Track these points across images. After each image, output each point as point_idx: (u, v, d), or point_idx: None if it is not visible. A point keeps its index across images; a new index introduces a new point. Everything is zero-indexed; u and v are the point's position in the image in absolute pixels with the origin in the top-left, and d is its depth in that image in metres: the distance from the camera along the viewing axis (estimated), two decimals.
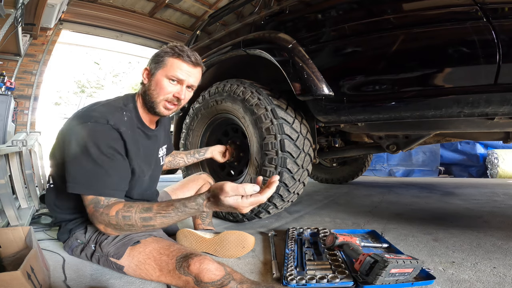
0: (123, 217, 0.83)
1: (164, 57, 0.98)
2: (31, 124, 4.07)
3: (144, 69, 1.02)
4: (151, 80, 1.00)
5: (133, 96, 1.06)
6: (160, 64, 0.99)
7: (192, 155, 1.56)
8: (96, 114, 0.90)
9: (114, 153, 0.90)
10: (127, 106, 1.01)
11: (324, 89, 1.30)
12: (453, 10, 1.06)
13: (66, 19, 4.17)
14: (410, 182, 3.64)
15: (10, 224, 1.40)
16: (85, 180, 0.86)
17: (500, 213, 1.80)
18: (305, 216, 1.83)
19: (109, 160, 0.88)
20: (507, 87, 0.95)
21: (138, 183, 1.05)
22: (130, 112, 1.00)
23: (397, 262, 0.81)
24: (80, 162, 0.86)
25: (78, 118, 0.91)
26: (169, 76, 0.98)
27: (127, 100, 1.03)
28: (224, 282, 0.74)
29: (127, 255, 0.91)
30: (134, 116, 1.01)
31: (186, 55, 0.98)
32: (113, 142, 0.90)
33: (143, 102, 1.04)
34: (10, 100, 2.29)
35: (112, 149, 0.89)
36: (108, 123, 0.89)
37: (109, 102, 0.99)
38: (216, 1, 4.73)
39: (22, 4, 2.47)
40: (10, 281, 0.67)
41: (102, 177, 0.87)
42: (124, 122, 0.95)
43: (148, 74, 1.02)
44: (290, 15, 1.57)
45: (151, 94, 1.00)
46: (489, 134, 1.46)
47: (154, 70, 1.00)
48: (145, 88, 1.02)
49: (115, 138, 0.91)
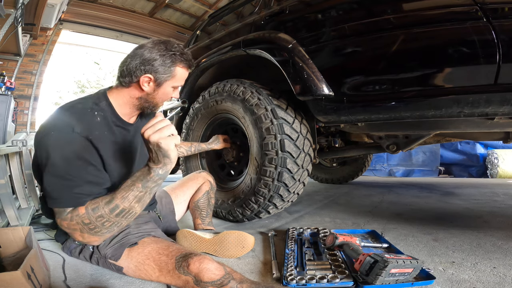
0: (92, 209, 0.81)
1: (172, 66, 0.93)
2: (31, 124, 4.07)
3: (145, 77, 0.91)
4: (157, 90, 0.95)
5: (104, 93, 0.97)
6: (169, 75, 0.93)
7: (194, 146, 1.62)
8: (60, 122, 0.84)
9: (81, 162, 0.84)
10: (99, 105, 0.93)
11: (324, 89, 1.30)
12: (453, 10, 1.06)
13: (66, 19, 4.17)
14: (410, 182, 3.64)
15: (10, 224, 1.40)
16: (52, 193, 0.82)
17: (500, 213, 1.79)
18: (305, 216, 1.83)
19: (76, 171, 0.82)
20: (507, 87, 0.95)
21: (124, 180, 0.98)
22: (102, 111, 0.92)
23: (397, 262, 0.81)
24: (48, 176, 0.81)
25: (43, 127, 0.85)
26: (175, 86, 0.98)
27: (99, 99, 0.94)
28: (224, 282, 0.74)
29: (126, 256, 0.91)
30: (109, 114, 0.94)
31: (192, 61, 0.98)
32: (80, 151, 0.83)
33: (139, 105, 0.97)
34: (10, 100, 2.29)
35: (77, 160, 0.83)
36: (73, 131, 0.82)
37: (76, 105, 0.91)
38: (216, 1, 4.74)
39: (22, 4, 2.47)
40: (10, 281, 0.67)
41: (69, 189, 0.82)
42: (95, 125, 0.88)
43: (151, 82, 0.93)
44: (290, 15, 1.57)
45: (155, 101, 0.98)
46: (489, 134, 1.46)
47: (161, 81, 0.93)
48: (146, 95, 0.95)
49: (83, 146, 0.84)
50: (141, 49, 0.92)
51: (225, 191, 1.71)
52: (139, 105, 0.98)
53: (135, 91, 0.95)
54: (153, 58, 0.90)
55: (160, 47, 0.92)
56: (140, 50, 0.92)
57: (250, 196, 1.52)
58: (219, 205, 1.68)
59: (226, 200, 1.65)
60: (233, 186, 1.69)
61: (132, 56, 0.92)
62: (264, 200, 1.48)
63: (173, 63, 0.93)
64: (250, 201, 1.52)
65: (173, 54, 0.92)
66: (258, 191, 1.48)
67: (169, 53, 0.92)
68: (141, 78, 0.91)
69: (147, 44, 0.93)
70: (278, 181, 1.43)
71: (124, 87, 0.95)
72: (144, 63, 0.90)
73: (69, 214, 0.82)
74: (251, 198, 1.52)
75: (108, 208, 0.82)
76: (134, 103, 0.97)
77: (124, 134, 0.99)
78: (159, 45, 0.92)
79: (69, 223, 0.82)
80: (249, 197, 1.52)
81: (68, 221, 0.82)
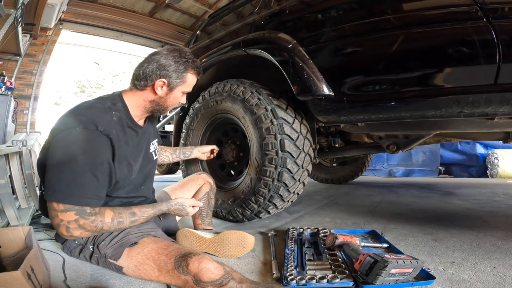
0: (118, 222, 0.91)
1: (184, 72, 1.02)
2: (31, 124, 4.07)
3: (160, 80, 0.98)
4: (169, 94, 1.02)
5: (119, 94, 1.02)
6: (181, 80, 1.02)
7: (178, 154, 1.53)
8: (84, 119, 0.87)
9: (102, 161, 0.87)
10: (116, 105, 0.97)
11: (324, 89, 1.30)
12: (453, 10, 1.06)
13: (66, 19, 4.17)
14: (410, 182, 3.64)
15: (10, 224, 1.40)
16: (68, 189, 0.82)
17: (500, 213, 1.79)
18: (305, 216, 1.83)
19: (97, 169, 0.86)
20: (507, 87, 0.95)
21: (127, 182, 1.02)
22: (119, 112, 0.97)
23: (397, 262, 0.81)
24: (65, 170, 0.83)
25: (64, 124, 0.87)
26: (184, 91, 1.06)
27: (115, 99, 0.99)
28: (224, 282, 0.74)
29: (126, 255, 0.91)
30: (124, 115, 0.98)
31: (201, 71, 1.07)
32: (101, 150, 0.87)
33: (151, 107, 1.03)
34: (10, 100, 2.29)
35: (99, 157, 0.86)
36: (97, 129, 0.86)
37: (96, 103, 0.95)
38: (216, 1, 4.74)
39: (22, 4, 2.47)
40: (10, 281, 0.67)
41: (88, 185, 0.84)
42: (114, 124, 0.92)
43: (165, 86, 1.00)
44: (290, 15, 1.57)
45: (166, 105, 1.05)
46: (489, 134, 1.46)
47: (174, 86, 1.01)
48: (159, 98, 1.02)
49: (104, 145, 0.88)
50: (157, 55, 1.00)
51: (225, 191, 1.70)
52: (150, 108, 1.04)
53: (148, 94, 1.01)
54: (168, 64, 0.98)
55: (175, 54, 1.00)
56: (156, 56, 0.99)
57: (250, 196, 1.52)
58: (219, 205, 1.68)
59: (226, 200, 1.65)
60: (233, 186, 1.69)
61: (149, 61, 0.99)
62: (264, 200, 1.48)
63: (185, 70, 1.01)
64: (250, 201, 1.52)
65: (186, 61, 1.01)
66: (258, 191, 1.48)
67: (182, 60, 1.00)
68: (156, 82, 0.98)
69: (163, 50, 1.02)
70: (278, 181, 1.43)
71: (139, 90, 1.01)
72: (160, 68, 0.98)
73: (92, 217, 0.86)
74: (251, 198, 1.52)
75: (129, 220, 0.93)
76: (146, 106, 1.03)
77: (134, 136, 1.02)
78: (173, 52, 1.00)
79: (86, 222, 0.85)
80: (249, 197, 1.52)
81: (89, 222, 0.85)
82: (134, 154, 1.02)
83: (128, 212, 0.94)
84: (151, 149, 1.17)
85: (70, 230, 0.85)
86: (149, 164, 1.15)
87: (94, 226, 0.86)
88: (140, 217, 0.96)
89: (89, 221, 0.85)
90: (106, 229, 0.89)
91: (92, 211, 0.87)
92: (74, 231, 0.85)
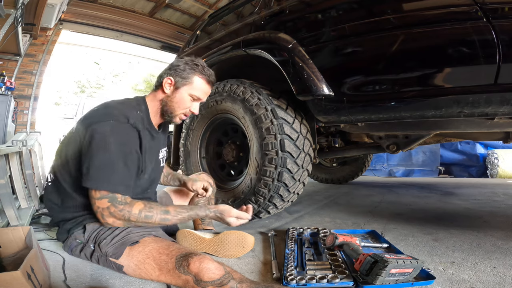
0: (146, 216, 0.91)
1: (191, 74, 1.05)
2: (31, 124, 4.06)
3: (168, 78, 1.05)
4: (175, 93, 1.06)
5: (143, 98, 1.09)
6: (187, 81, 1.05)
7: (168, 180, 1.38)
8: (117, 112, 0.95)
9: (133, 151, 0.95)
10: (140, 106, 1.05)
11: (324, 89, 1.30)
12: (453, 10, 1.06)
13: (66, 19, 4.16)
14: (410, 182, 3.64)
15: (10, 224, 1.40)
16: (103, 175, 0.88)
17: (500, 213, 1.80)
18: (305, 216, 1.83)
19: (128, 158, 0.93)
20: (507, 87, 0.95)
21: (138, 182, 1.05)
22: (142, 113, 1.04)
23: (397, 262, 0.81)
24: (101, 158, 0.89)
25: (98, 116, 0.94)
26: (192, 95, 1.07)
27: (139, 101, 1.07)
28: (224, 281, 0.75)
29: (126, 254, 0.91)
30: (145, 117, 1.05)
31: (212, 78, 1.09)
32: (132, 140, 0.95)
33: (161, 108, 1.08)
34: (10, 100, 2.29)
35: (131, 148, 0.94)
36: (128, 121, 0.94)
37: (125, 101, 1.05)
38: (216, 1, 4.73)
39: (22, 4, 2.47)
40: (10, 281, 0.67)
41: (120, 174, 0.90)
42: (140, 121, 1.01)
43: (172, 85, 1.05)
44: (290, 15, 1.57)
45: (172, 106, 1.07)
46: (489, 134, 1.46)
47: (179, 85, 1.05)
48: (166, 97, 1.06)
49: (134, 137, 0.96)
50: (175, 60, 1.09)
51: (225, 191, 1.70)
52: (161, 109, 1.08)
53: (159, 93, 1.07)
54: (178, 65, 1.05)
55: (189, 59, 1.07)
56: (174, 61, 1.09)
57: (250, 196, 1.52)
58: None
59: (226, 200, 1.65)
60: (233, 186, 1.69)
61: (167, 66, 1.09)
62: (264, 200, 1.48)
63: (192, 71, 1.05)
64: (250, 201, 1.52)
65: (195, 65, 1.06)
66: (258, 191, 1.48)
67: (192, 63, 1.06)
68: (165, 79, 1.05)
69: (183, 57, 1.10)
70: (278, 181, 1.43)
71: (154, 90, 1.09)
72: (170, 68, 1.06)
73: (121, 205, 0.89)
74: (251, 198, 1.52)
75: (160, 217, 0.93)
76: (159, 108, 1.08)
77: (150, 138, 1.07)
78: (189, 58, 1.08)
79: (115, 210, 0.89)
80: (249, 197, 1.52)
81: (118, 210, 0.89)
82: (150, 154, 1.07)
83: (161, 209, 0.94)
84: (160, 156, 1.20)
85: (104, 217, 0.90)
86: (157, 170, 1.18)
87: (122, 216, 0.89)
88: (173, 217, 0.95)
89: (118, 209, 0.89)
90: (133, 220, 0.90)
91: (123, 200, 0.90)
92: (107, 218, 0.90)
